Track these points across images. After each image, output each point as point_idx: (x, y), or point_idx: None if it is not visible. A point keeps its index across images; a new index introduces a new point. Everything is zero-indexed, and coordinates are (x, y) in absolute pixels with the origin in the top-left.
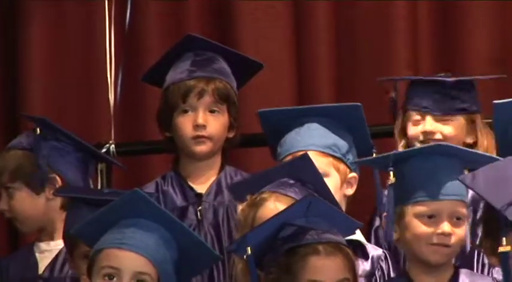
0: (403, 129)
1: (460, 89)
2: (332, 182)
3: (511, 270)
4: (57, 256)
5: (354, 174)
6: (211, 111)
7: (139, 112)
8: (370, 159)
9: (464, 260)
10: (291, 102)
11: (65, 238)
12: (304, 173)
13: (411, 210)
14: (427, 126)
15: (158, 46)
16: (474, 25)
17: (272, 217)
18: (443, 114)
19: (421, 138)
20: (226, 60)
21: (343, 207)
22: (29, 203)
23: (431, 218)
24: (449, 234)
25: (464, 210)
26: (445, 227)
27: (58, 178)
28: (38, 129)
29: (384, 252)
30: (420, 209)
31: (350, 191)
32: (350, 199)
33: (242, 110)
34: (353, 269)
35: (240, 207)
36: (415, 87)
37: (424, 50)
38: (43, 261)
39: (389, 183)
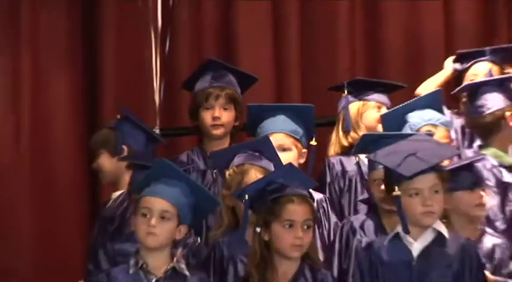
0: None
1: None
2: (292, 154)
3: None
4: (116, 199)
5: (305, 150)
6: (224, 109)
7: (175, 108)
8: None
9: None
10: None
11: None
12: (264, 148)
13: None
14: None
15: (187, 66)
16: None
17: (263, 177)
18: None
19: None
20: (234, 75)
21: None
22: (107, 163)
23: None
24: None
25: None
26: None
27: (126, 149)
28: (119, 116)
29: (324, 196)
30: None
31: (302, 161)
32: (301, 166)
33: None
34: (313, 212)
35: (227, 172)
36: (372, 86)
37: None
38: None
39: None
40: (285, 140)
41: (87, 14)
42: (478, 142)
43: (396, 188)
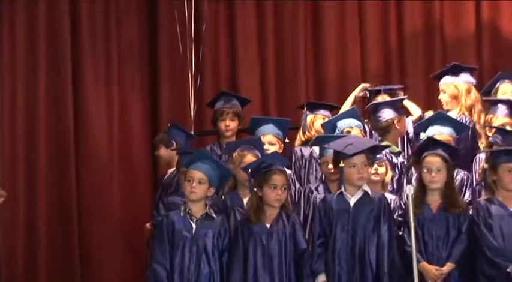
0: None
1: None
2: (277, 147)
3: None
4: (171, 174)
5: (282, 144)
6: (232, 120)
7: (203, 119)
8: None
9: None
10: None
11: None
12: (257, 144)
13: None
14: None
15: (210, 94)
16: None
17: (258, 159)
18: None
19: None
20: (237, 99)
21: None
22: (164, 152)
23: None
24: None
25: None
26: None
27: (175, 143)
28: (169, 124)
29: (292, 172)
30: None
31: (281, 151)
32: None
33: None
34: (288, 180)
35: (234, 154)
36: (320, 106)
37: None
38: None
39: None
40: (272, 139)
41: (152, 66)
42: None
43: (341, 162)
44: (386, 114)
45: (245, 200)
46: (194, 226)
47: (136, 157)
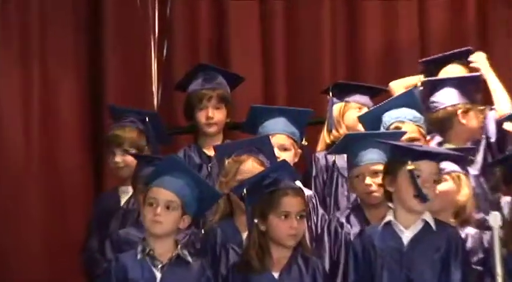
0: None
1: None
2: (291, 154)
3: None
4: (131, 196)
5: (299, 150)
6: (216, 108)
7: (172, 109)
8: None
9: None
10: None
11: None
12: (263, 146)
13: (352, 174)
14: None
15: (182, 70)
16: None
17: (258, 173)
18: None
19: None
20: (223, 76)
21: None
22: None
23: (360, 176)
24: (370, 185)
25: (377, 168)
26: (367, 180)
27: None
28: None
29: (313, 192)
30: (354, 172)
31: (296, 159)
32: (295, 164)
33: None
34: (306, 204)
35: (227, 160)
36: (354, 89)
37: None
38: (124, 198)
39: None
40: (286, 141)
41: (92, 29)
42: (438, 139)
43: (409, 162)
44: (447, 98)
45: (245, 235)
46: (158, 276)
47: (65, 163)
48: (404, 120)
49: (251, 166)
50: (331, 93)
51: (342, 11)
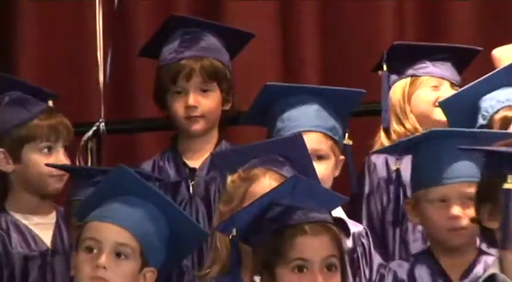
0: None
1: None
2: (330, 164)
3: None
4: (58, 229)
5: (342, 156)
6: (203, 90)
7: (130, 90)
8: (388, 148)
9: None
10: (277, 80)
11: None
12: (294, 152)
13: (424, 196)
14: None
15: (147, 25)
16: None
17: (259, 198)
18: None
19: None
20: (216, 35)
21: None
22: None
23: (443, 202)
24: (459, 217)
25: (473, 190)
26: (455, 210)
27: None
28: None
29: (364, 228)
30: (430, 194)
31: (337, 173)
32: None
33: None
34: (339, 246)
35: (230, 178)
36: (425, 54)
37: (410, 29)
38: (43, 234)
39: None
40: (322, 144)
41: None
42: None
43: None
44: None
45: None
46: None
47: None
48: None
49: (268, 186)
50: (385, 66)
51: None
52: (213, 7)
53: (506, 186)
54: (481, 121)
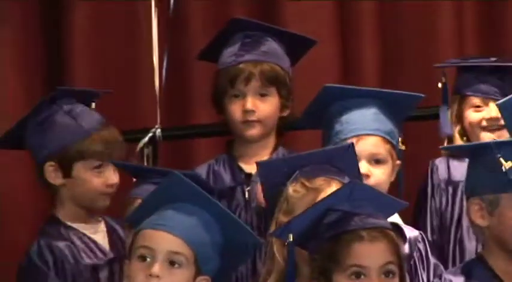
0: (458, 114)
1: None
2: (387, 169)
3: None
4: (112, 236)
5: (399, 161)
6: (261, 95)
7: (186, 96)
8: (470, 145)
9: None
10: (336, 83)
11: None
12: (344, 162)
13: (506, 198)
14: (492, 113)
15: (203, 29)
16: None
17: (315, 203)
18: None
19: (485, 123)
20: (277, 40)
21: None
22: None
23: None
24: None
25: None
26: None
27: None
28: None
29: (420, 233)
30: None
31: (393, 177)
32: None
33: None
34: (397, 252)
35: (292, 187)
36: (475, 72)
37: (468, 30)
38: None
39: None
40: (380, 148)
41: None
42: None
43: None
44: None
45: None
46: None
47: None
48: None
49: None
50: (443, 79)
51: None
52: (270, 8)
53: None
54: None
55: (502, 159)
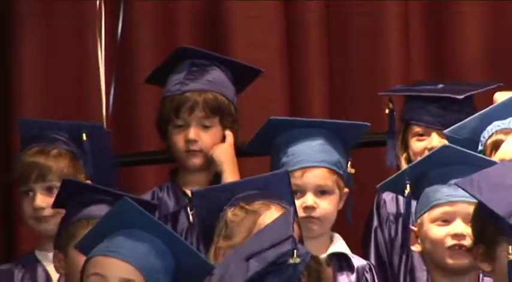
0: (403, 141)
1: (466, 103)
2: (334, 199)
3: None
4: None
5: (346, 189)
6: (204, 126)
7: (133, 123)
8: (389, 181)
9: None
10: (284, 112)
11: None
12: (279, 189)
13: (427, 217)
14: (433, 142)
15: (151, 58)
16: (465, 26)
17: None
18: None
19: (427, 153)
20: (223, 68)
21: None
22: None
23: (446, 222)
24: (462, 235)
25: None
26: (458, 227)
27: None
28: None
29: (368, 263)
30: (434, 213)
31: (341, 205)
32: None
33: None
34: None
35: (231, 211)
36: (418, 100)
37: (415, 53)
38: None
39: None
40: (327, 179)
41: None
42: None
43: (510, 247)
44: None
45: None
46: None
47: None
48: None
49: (274, 217)
50: (390, 105)
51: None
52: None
53: (511, 257)
54: (479, 148)
55: (408, 185)
